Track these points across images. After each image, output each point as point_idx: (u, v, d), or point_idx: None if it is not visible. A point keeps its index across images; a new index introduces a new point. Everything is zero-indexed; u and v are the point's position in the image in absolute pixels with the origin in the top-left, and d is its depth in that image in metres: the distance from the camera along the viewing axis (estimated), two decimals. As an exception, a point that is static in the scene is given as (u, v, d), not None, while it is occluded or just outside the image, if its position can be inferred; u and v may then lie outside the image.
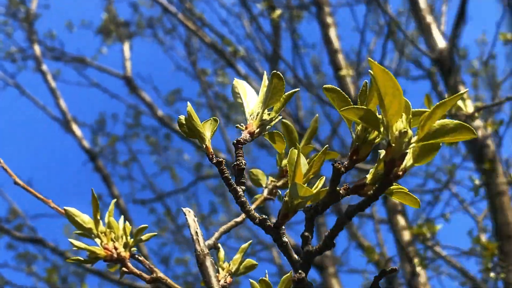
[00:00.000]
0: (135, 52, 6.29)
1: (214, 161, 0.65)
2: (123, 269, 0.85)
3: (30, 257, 5.68)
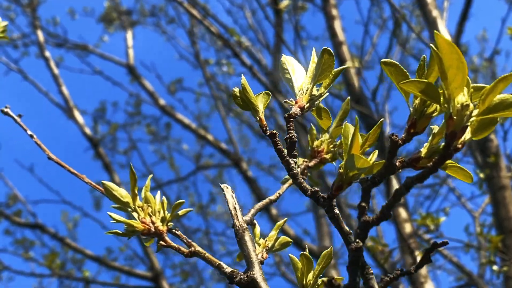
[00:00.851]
0: (137, 41, 6.28)
1: (268, 133, 0.66)
2: (161, 243, 0.85)
3: (28, 243, 5.68)
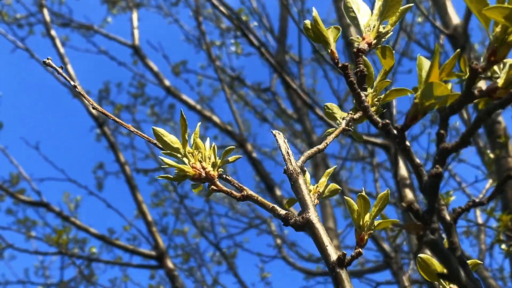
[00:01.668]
0: (142, 23, 6.26)
1: (340, 65, 0.66)
2: (212, 187, 0.85)
3: (30, 222, 5.68)
